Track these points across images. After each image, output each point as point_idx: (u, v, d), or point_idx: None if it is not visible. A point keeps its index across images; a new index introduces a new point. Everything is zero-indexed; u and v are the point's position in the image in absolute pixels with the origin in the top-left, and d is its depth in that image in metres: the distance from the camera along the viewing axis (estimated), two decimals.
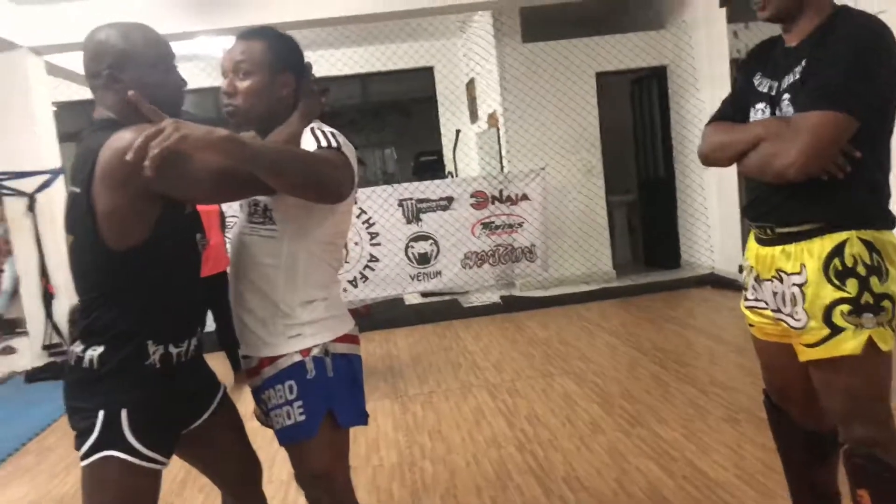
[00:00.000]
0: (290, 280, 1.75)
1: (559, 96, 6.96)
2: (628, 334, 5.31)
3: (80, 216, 1.58)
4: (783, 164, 1.73)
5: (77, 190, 1.58)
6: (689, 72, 6.99)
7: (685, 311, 5.94)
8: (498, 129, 7.30)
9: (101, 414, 1.58)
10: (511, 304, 6.69)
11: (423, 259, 6.59)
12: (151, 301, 1.62)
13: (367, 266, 6.45)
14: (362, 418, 1.84)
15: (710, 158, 2.03)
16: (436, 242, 6.58)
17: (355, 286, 6.40)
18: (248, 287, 1.78)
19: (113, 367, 1.59)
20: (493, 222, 6.64)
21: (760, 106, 1.91)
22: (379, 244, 6.46)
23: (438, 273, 6.62)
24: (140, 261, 1.59)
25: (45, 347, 6.04)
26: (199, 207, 1.82)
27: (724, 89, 6.28)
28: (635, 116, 7.92)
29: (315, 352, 1.74)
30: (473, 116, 8.51)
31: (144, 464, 1.61)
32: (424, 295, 7.24)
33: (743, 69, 2.04)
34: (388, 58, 8.01)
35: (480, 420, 3.81)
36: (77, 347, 1.61)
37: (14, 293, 7.93)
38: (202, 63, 7.84)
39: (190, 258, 1.75)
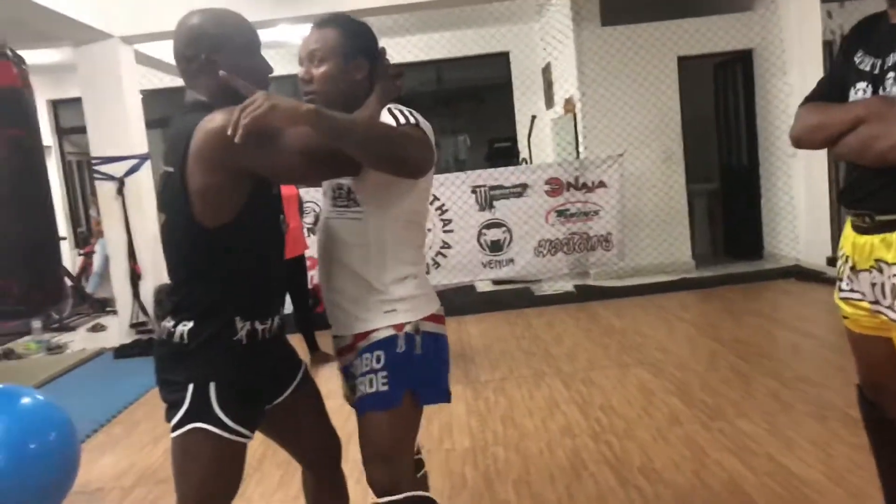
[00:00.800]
0: (380, 258, 1.78)
1: (639, 81, 6.78)
2: (708, 326, 5.16)
3: (173, 195, 1.62)
4: (886, 147, 1.64)
5: (171, 170, 1.62)
6: (776, 55, 6.70)
7: (768, 303, 5.73)
8: (574, 115, 7.18)
9: (190, 387, 1.62)
10: (585, 294, 6.59)
11: (496, 246, 6.57)
12: (239, 277, 1.66)
13: (439, 252, 6.48)
14: (445, 396, 1.85)
15: (804, 141, 1.93)
16: (509, 230, 6.55)
17: (427, 272, 6.42)
18: (339, 269, 1.82)
19: (202, 341, 1.63)
20: (567, 210, 6.56)
21: (861, 85, 1.81)
22: (451, 231, 6.48)
23: (511, 261, 6.59)
24: (229, 238, 1.62)
25: (133, 325, 6.32)
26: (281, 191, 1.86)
27: (815, 73, 6.00)
28: (718, 102, 7.65)
29: (408, 328, 1.77)
30: (549, 102, 8.40)
31: (231, 437, 1.64)
32: (496, 282, 7.21)
33: (843, 47, 1.93)
34: (463, 44, 7.99)
35: (554, 409, 3.77)
36: (168, 322, 1.66)
37: (104, 274, 8.34)
38: (282, 51, 7.99)
39: (275, 237, 1.78)
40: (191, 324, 1.63)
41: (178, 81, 1.80)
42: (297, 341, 4.76)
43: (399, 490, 1.75)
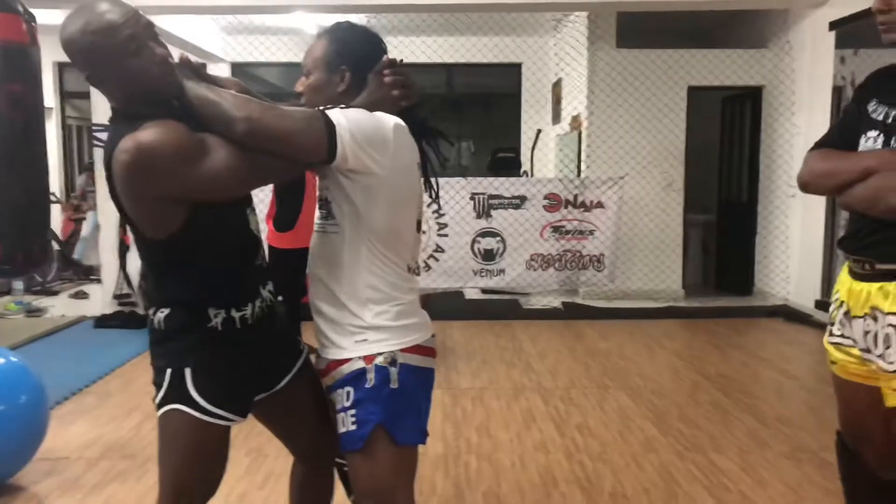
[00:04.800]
0: (353, 278, 1.67)
1: (647, 106, 6.80)
2: (692, 357, 5.16)
3: (117, 206, 1.61)
4: None
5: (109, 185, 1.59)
6: (786, 94, 6.72)
7: (754, 340, 5.73)
8: (580, 133, 7.18)
9: (168, 371, 1.65)
10: (572, 311, 6.58)
11: (489, 255, 6.54)
12: (204, 274, 1.65)
13: (431, 256, 6.44)
14: (420, 437, 1.74)
15: (812, 186, 1.92)
16: (503, 240, 6.52)
17: (417, 274, 6.40)
18: (318, 286, 1.75)
19: (177, 328, 1.65)
20: (563, 227, 6.54)
21: (873, 134, 1.80)
22: (446, 235, 6.44)
23: (502, 271, 6.56)
24: (180, 244, 1.60)
25: (116, 297, 6.26)
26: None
27: (822, 116, 6.04)
28: (723, 135, 7.67)
29: (379, 360, 1.65)
30: (556, 118, 8.40)
31: (207, 419, 1.64)
32: (485, 291, 7.19)
33: (857, 95, 1.93)
34: (477, 49, 7.97)
35: (530, 423, 3.75)
36: (150, 310, 1.69)
37: (91, 241, 8.27)
38: (297, 38, 7.98)
39: (239, 230, 1.73)
40: (167, 310, 1.65)
41: (185, 52, 1.76)
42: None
43: None
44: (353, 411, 1.66)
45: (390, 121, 1.65)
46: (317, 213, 1.79)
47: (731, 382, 4.47)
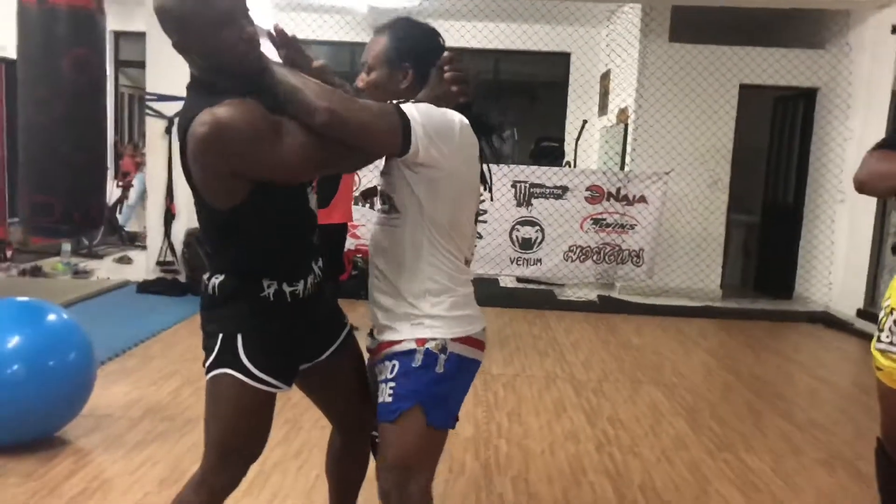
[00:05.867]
0: (413, 268, 1.72)
1: (697, 102, 6.70)
2: (727, 357, 5.11)
3: (186, 173, 1.65)
4: None
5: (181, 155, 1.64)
6: (842, 97, 6.57)
7: (791, 344, 5.65)
8: (626, 126, 7.11)
9: (220, 336, 1.70)
10: (607, 305, 6.56)
11: (526, 244, 6.55)
12: (262, 246, 1.70)
13: None
14: (452, 422, 1.78)
15: (868, 186, 1.90)
16: (542, 229, 6.52)
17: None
18: (377, 276, 1.80)
19: (230, 294, 1.70)
20: (604, 219, 6.51)
21: None
22: (485, 221, 6.46)
23: (539, 261, 6.57)
24: (243, 217, 1.64)
25: (159, 263, 6.41)
26: None
27: (878, 120, 5.90)
28: (773, 136, 7.54)
29: (430, 345, 1.69)
30: (602, 110, 8.33)
31: (256, 384, 1.69)
32: (520, 280, 7.19)
33: None
34: (527, 37, 7.92)
35: (561, 413, 3.76)
36: (206, 275, 1.75)
37: (137, 208, 8.46)
38: (348, 17, 8.02)
39: (298, 208, 1.77)
40: (222, 277, 1.71)
41: None
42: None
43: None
44: (392, 384, 1.71)
45: (456, 116, 1.68)
46: (378, 206, 1.84)
47: (765, 385, 4.43)
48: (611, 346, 5.22)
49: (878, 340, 1.93)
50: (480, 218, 6.43)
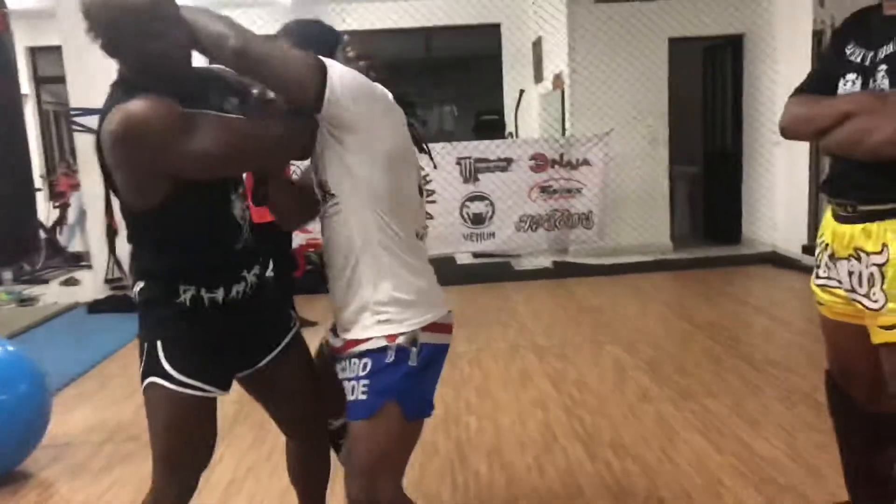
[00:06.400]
0: (366, 251, 1.66)
1: (629, 60, 6.76)
2: (682, 308, 5.23)
3: (103, 174, 1.64)
4: (879, 141, 1.65)
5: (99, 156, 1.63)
6: (767, 41, 6.71)
7: (743, 288, 5.81)
8: (563, 92, 7.15)
9: (144, 345, 1.71)
10: (563, 270, 6.62)
11: (478, 219, 6.57)
12: (177, 249, 1.69)
13: None
14: (427, 410, 1.76)
15: (791, 132, 1.95)
16: (492, 203, 6.55)
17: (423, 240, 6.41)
18: (335, 276, 1.75)
19: (149, 301, 1.71)
20: (551, 186, 6.56)
21: (851, 77, 1.82)
22: (434, 202, 6.45)
23: (492, 234, 6.60)
24: (159, 220, 1.64)
25: (108, 281, 6.25)
26: None
27: (803, 62, 6.02)
28: (706, 86, 7.67)
29: (401, 340, 1.66)
30: (538, 77, 8.36)
31: (182, 389, 1.69)
32: (476, 255, 7.22)
33: (834, 38, 1.94)
34: (455, 11, 7.89)
35: (527, 382, 3.81)
36: (130, 282, 1.76)
37: (79, 227, 8.22)
38: (270, 8, 7.85)
39: (217, 214, 1.73)
40: (142, 283, 1.72)
41: None
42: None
43: None
44: (366, 381, 1.67)
45: (374, 83, 1.68)
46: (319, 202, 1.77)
47: (721, 330, 4.54)
48: (570, 310, 5.29)
49: (817, 276, 1.98)
50: (429, 198, 6.48)
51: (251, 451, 3.08)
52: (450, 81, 10.13)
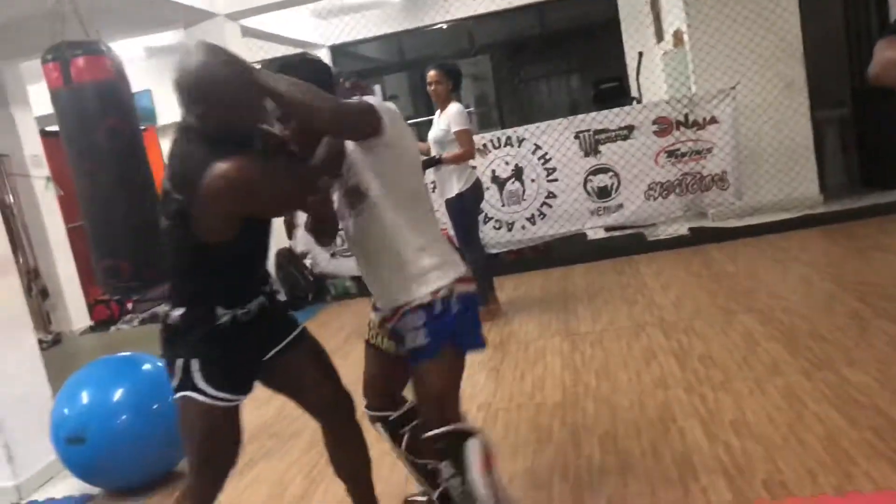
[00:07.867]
0: (404, 234, 2.04)
1: (751, 6, 6.27)
2: (829, 266, 4.83)
3: (177, 212, 1.80)
4: None
5: (177, 196, 1.78)
6: None
7: None
8: (685, 48, 6.78)
9: (179, 362, 1.91)
10: (700, 236, 6.29)
11: (603, 193, 6.40)
12: (222, 278, 1.90)
13: (544, 203, 6.40)
14: (481, 343, 2.13)
15: (882, 77, 1.77)
16: (616, 174, 6.36)
17: (533, 223, 6.40)
18: (373, 258, 2.09)
19: (190, 324, 1.90)
20: (678, 149, 6.26)
21: None
22: (556, 180, 6.37)
23: (620, 206, 6.41)
24: (222, 250, 1.83)
25: None
26: None
27: None
28: (847, 16, 6.95)
29: (442, 293, 2.03)
30: (659, 36, 7.97)
31: (214, 402, 1.92)
32: (608, 229, 7.03)
33: None
34: None
35: (650, 360, 3.69)
36: (166, 309, 1.95)
37: None
38: (387, 8, 8.04)
39: (263, 237, 2.00)
40: (182, 310, 1.90)
41: (288, 50, 2.00)
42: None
43: (447, 424, 2.03)
44: (424, 329, 2.01)
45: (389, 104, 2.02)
46: (343, 209, 2.10)
47: (872, 288, 4.14)
48: (703, 279, 5.04)
49: None
50: (550, 177, 6.39)
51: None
52: (570, 52, 9.87)
